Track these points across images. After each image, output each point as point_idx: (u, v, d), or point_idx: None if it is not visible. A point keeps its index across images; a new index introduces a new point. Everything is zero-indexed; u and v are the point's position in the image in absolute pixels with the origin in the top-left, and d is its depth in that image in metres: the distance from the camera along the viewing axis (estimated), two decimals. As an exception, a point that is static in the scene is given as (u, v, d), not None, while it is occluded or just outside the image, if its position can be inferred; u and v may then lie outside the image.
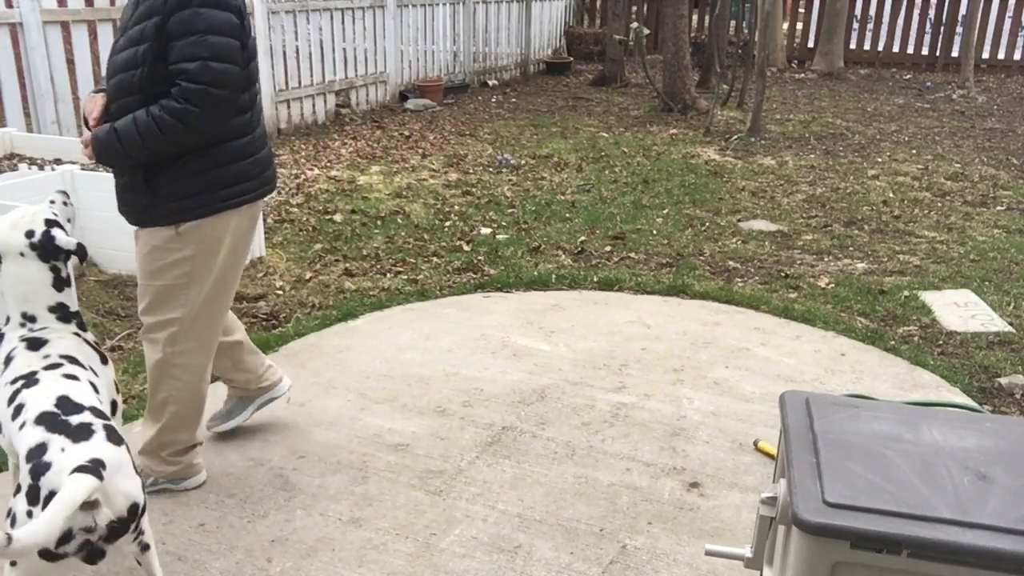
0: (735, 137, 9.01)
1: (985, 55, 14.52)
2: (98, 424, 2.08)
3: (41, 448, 1.99)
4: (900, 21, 15.18)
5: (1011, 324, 4.40)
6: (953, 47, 14.76)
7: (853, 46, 15.42)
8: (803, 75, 14.29)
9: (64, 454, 1.97)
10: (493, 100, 11.38)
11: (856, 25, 15.43)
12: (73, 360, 2.33)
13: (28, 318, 2.38)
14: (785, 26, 15.47)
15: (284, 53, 8.59)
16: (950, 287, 4.91)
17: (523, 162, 7.82)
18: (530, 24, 13.67)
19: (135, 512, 2.05)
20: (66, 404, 2.12)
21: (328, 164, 7.54)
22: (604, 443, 3.28)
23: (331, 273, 4.98)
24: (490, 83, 12.58)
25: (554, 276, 4.95)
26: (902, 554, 1.53)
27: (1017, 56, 14.66)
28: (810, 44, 15.47)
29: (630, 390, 3.70)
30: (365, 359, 3.93)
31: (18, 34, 6.23)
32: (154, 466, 2.88)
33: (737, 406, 3.58)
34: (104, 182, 4.60)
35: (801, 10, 15.98)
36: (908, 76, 14.36)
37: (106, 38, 6.86)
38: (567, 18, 15.44)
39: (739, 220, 6.20)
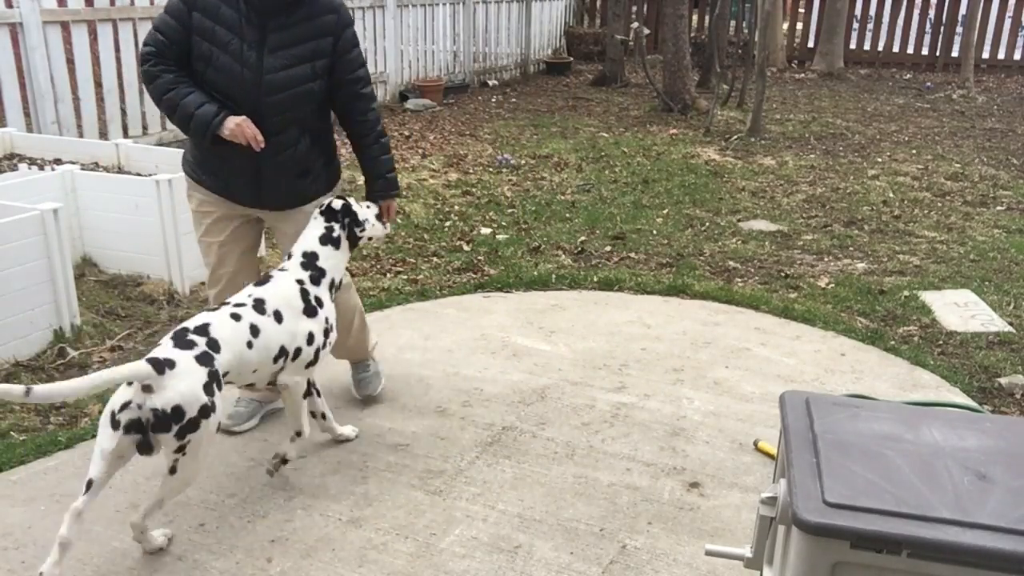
0: (735, 137, 9.01)
1: (985, 55, 14.52)
2: (199, 347, 2.52)
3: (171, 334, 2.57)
4: (900, 21, 15.19)
5: (1011, 324, 4.40)
6: (953, 47, 14.76)
7: (853, 46, 15.42)
8: (803, 75, 14.29)
9: (162, 347, 2.50)
10: (493, 100, 11.38)
11: (856, 25, 15.44)
12: (259, 302, 2.79)
13: (287, 256, 3.01)
14: (785, 26, 15.47)
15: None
16: (950, 287, 4.91)
17: (523, 162, 7.82)
18: (530, 24, 13.67)
19: (179, 414, 2.38)
20: (200, 328, 2.59)
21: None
22: (604, 443, 3.28)
23: (331, 273, 4.98)
24: (490, 83, 12.58)
25: (554, 276, 4.95)
26: (902, 554, 1.53)
27: (1017, 56, 14.66)
28: (810, 44, 15.47)
29: (630, 390, 3.70)
30: (365, 359, 3.93)
31: (18, 34, 6.23)
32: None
33: (737, 406, 3.58)
34: (103, 182, 4.61)
35: (801, 10, 15.98)
36: (908, 76, 14.36)
37: (106, 38, 6.87)
38: (567, 18, 15.44)
39: (739, 220, 6.20)
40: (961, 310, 4.57)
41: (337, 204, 3.06)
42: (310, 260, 2.96)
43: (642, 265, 5.24)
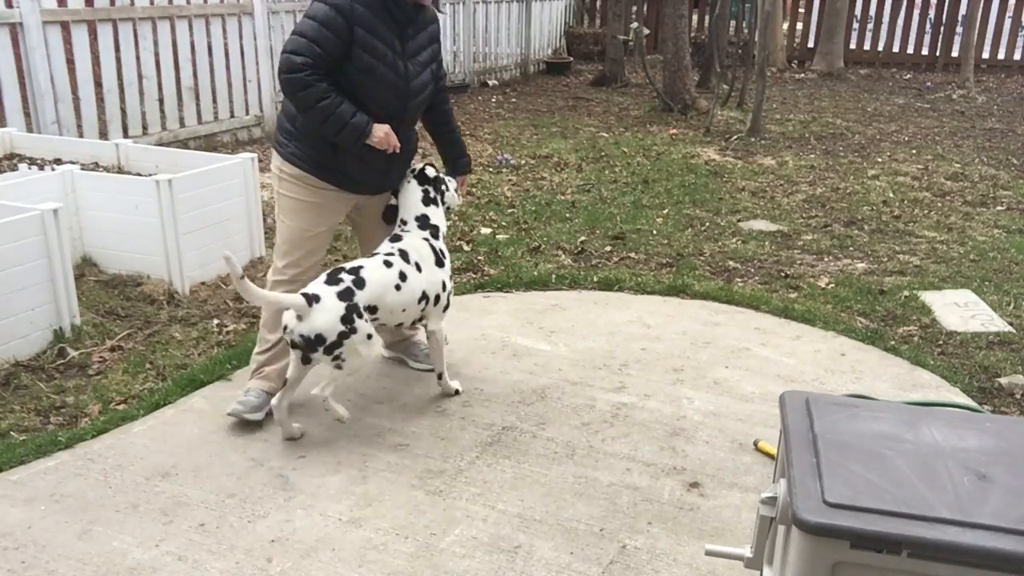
0: (735, 137, 9.01)
1: (985, 55, 14.52)
2: (344, 284, 3.07)
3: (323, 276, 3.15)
4: (900, 21, 15.19)
5: (1011, 324, 4.40)
6: (953, 47, 14.77)
7: (853, 46, 15.42)
8: (803, 75, 14.29)
9: (314, 284, 3.08)
10: (493, 100, 11.38)
11: (856, 25, 15.44)
12: (404, 253, 3.32)
13: (403, 223, 3.46)
14: (785, 26, 15.47)
15: (284, 53, 8.58)
16: (950, 287, 4.91)
17: (523, 162, 7.82)
18: (530, 24, 13.67)
19: (321, 339, 3.00)
20: (353, 269, 3.15)
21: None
22: (604, 443, 3.28)
23: (331, 273, 4.98)
24: (490, 83, 12.58)
25: (554, 276, 4.95)
26: (902, 554, 1.53)
27: (1017, 56, 14.67)
28: (810, 44, 15.48)
29: (630, 390, 3.70)
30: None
31: (18, 34, 6.23)
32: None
33: (737, 406, 3.58)
34: (103, 182, 4.61)
35: (801, 10, 15.98)
36: (908, 76, 14.36)
37: (106, 38, 6.87)
38: (567, 18, 15.44)
39: (739, 220, 6.20)
40: (961, 310, 4.57)
41: (431, 172, 3.51)
42: (424, 221, 3.46)
43: (642, 265, 5.24)
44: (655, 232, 5.86)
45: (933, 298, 4.72)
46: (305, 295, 3.00)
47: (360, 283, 3.11)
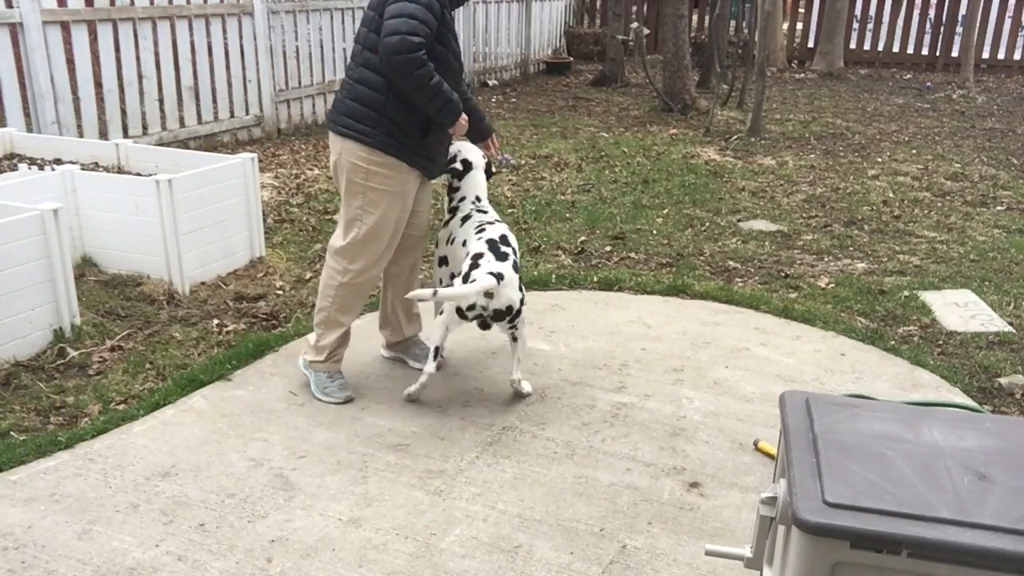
0: (735, 137, 9.01)
1: (985, 55, 14.52)
2: (511, 257, 3.48)
3: (479, 255, 3.44)
4: (900, 21, 15.19)
5: (1011, 324, 4.40)
6: (953, 47, 14.77)
7: (853, 46, 15.42)
8: (803, 75, 14.29)
9: (489, 264, 3.39)
10: (493, 100, 11.38)
11: (856, 25, 15.44)
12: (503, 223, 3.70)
13: (477, 199, 3.76)
14: (785, 26, 15.47)
15: (284, 53, 8.59)
16: (950, 287, 4.91)
17: (523, 162, 7.82)
18: (530, 24, 13.67)
19: (511, 310, 3.42)
20: (505, 241, 3.53)
21: (328, 164, 7.53)
22: (604, 443, 3.28)
23: (331, 273, 4.98)
24: (490, 83, 12.58)
25: (554, 276, 4.95)
26: (902, 554, 1.53)
27: (1017, 56, 14.67)
28: (810, 44, 15.48)
29: (630, 390, 3.70)
30: (365, 359, 3.93)
31: (18, 34, 6.23)
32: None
33: (737, 406, 3.58)
34: (103, 182, 4.61)
35: (801, 10, 15.98)
36: (908, 76, 14.36)
37: (106, 38, 6.87)
38: (567, 18, 15.44)
39: (739, 220, 6.20)
40: (961, 310, 4.57)
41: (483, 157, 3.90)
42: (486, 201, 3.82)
43: (642, 265, 5.24)
44: (655, 232, 5.86)
45: (933, 298, 4.72)
46: (496, 275, 3.37)
47: (515, 251, 3.58)
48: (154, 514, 2.80)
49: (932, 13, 14.99)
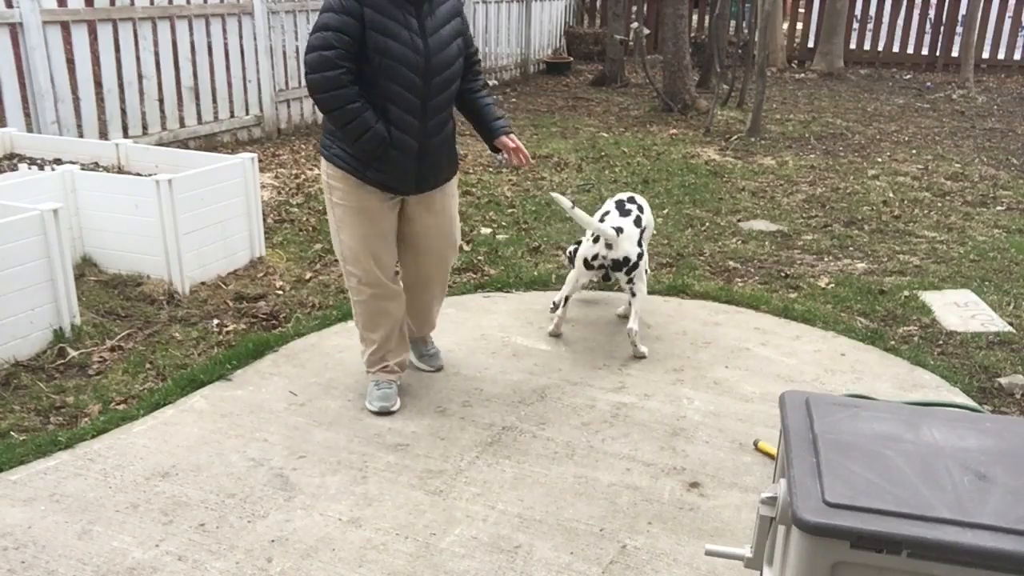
0: (735, 137, 9.01)
1: (985, 55, 14.52)
2: (634, 213, 4.07)
3: (607, 213, 4.12)
4: (900, 21, 15.19)
5: (1011, 324, 4.40)
6: (953, 47, 14.77)
7: (853, 46, 15.42)
8: (803, 75, 14.29)
9: (612, 219, 4.03)
10: (493, 100, 11.37)
11: (856, 25, 15.44)
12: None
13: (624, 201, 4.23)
14: (785, 26, 15.47)
15: (284, 53, 8.59)
16: (950, 287, 4.91)
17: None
18: (530, 24, 13.66)
19: (627, 262, 3.90)
20: (632, 200, 4.18)
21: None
22: (604, 443, 3.28)
23: (331, 273, 4.98)
24: (490, 83, 12.58)
25: (554, 276, 4.95)
26: (902, 554, 1.53)
27: (1017, 56, 14.67)
28: (810, 44, 15.48)
29: (630, 390, 3.70)
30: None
31: (18, 34, 6.23)
32: None
33: (737, 406, 3.58)
34: (103, 182, 4.61)
35: (801, 10, 15.98)
36: (908, 76, 14.36)
37: (106, 38, 6.87)
38: (567, 18, 15.44)
39: (739, 220, 6.20)
40: (961, 310, 4.57)
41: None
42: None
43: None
44: (655, 232, 5.85)
45: (933, 298, 4.72)
46: (616, 228, 3.89)
47: (642, 209, 4.12)
48: (154, 514, 2.80)
49: (932, 13, 14.99)
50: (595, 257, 3.92)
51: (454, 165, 3.55)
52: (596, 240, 3.95)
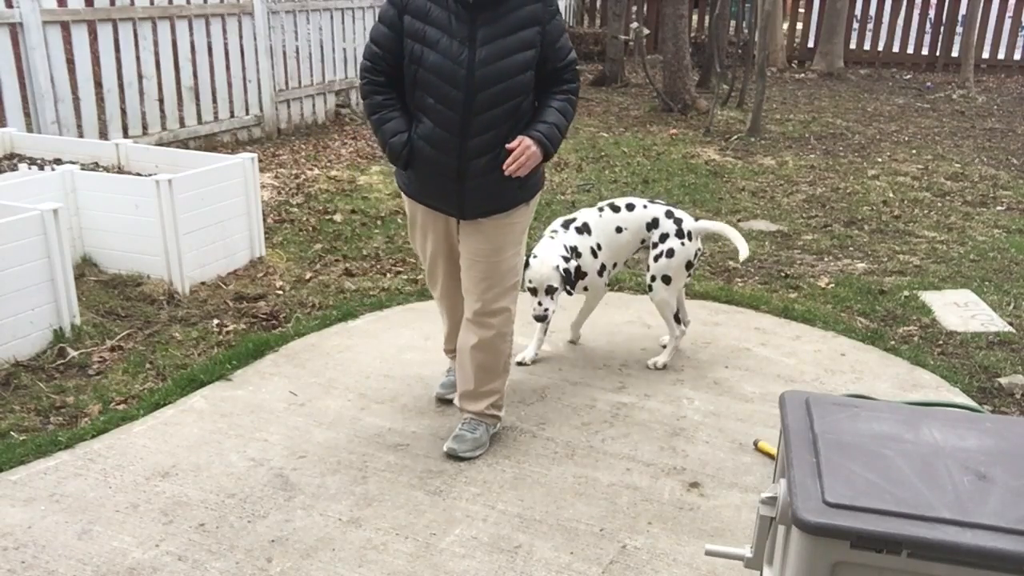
0: (735, 137, 9.01)
1: (985, 55, 14.51)
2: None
3: (680, 220, 3.95)
4: (900, 21, 15.18)
5: (1011, 324, 4.40)
6: (953, 47, 14.76)
7: (853, 46, 15.41)
8: (803, 75, 14.28)
9: (690, 220, 3.95)
10: (493, 100, 11.36)
11: (856, 25, 15.43)
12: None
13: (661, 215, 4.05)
14: (785, 26, 15.47)
15: (284, 53, 8.59)
16: (950, 287, 4.91)
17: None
18: (530, 24, 13.64)
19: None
20: (674, 205, 4.10)
21: (328, 164, 7.54)
22: (604, 443, 3.28)
23: (331, 273, 4.98)
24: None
25: (554, 276, 4.94)
26: (902, 554, 1.53)
27: (1017, 56, 14.66)
28: (810, 44, 15.47)
29: (630, 390, 3.70)
30: (365, 359, 3.93)
31: (18, 34, 6.23)
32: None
33: (737, 406, 3.58)
34: (103, 182, 4.61)
35: (801, 10, 15.97)
36: (908, 76, 14.36)
37: (106, 38, 6.86)
38: (567, 18, 15.43)
39: (739, 220, 6.20)
40: (961, 310, 4.57)
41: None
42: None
43: (642, 264, 5.23)
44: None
45: (933, 298, 4.72)
46: (689, 234, 3.91)
47: (683, 214, 4.04)
48: (154, 514, 2.80)
49: (932, 13, 14.99)
50: (697, 254, 4.00)
51: (514, 193, 3.04)
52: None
